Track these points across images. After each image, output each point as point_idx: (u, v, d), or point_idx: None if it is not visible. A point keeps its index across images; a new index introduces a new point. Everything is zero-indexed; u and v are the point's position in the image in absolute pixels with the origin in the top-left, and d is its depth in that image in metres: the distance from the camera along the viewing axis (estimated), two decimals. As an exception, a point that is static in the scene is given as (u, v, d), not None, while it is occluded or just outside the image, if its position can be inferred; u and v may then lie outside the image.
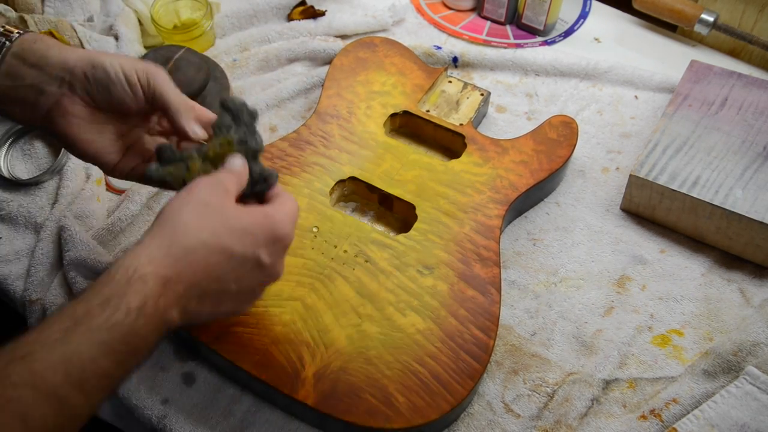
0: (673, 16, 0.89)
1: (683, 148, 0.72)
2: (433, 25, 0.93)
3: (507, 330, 0.67)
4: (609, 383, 0.63)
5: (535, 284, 0.70)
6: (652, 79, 0.85)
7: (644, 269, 0.71)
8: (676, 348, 0.66)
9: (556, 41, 0.91)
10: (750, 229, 0.67)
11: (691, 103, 0.76)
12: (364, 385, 0.58)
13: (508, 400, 0.63)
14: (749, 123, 0.74)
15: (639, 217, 0.75)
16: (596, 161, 0.79)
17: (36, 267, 0.70)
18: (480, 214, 0.69)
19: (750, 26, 0.88)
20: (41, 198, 0.76)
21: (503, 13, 0.92)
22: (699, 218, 0.70)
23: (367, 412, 0.57)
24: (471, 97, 0.79)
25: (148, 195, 0.75)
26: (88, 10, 0.88)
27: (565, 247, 0.73)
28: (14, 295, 0.71)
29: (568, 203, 0.76)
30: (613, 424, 0.61)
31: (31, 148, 0.79)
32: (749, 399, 0.59)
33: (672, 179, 0.70)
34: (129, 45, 0.84)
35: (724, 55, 0.90)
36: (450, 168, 0.73)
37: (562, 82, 0.86)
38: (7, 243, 0.73)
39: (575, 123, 0.76)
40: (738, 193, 0.68)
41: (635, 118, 0.83)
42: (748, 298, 0.68)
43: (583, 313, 0.68)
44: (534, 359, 0.65)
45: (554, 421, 0.61)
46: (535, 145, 0.74)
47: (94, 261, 0.69)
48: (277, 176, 0.55)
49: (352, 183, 0.73)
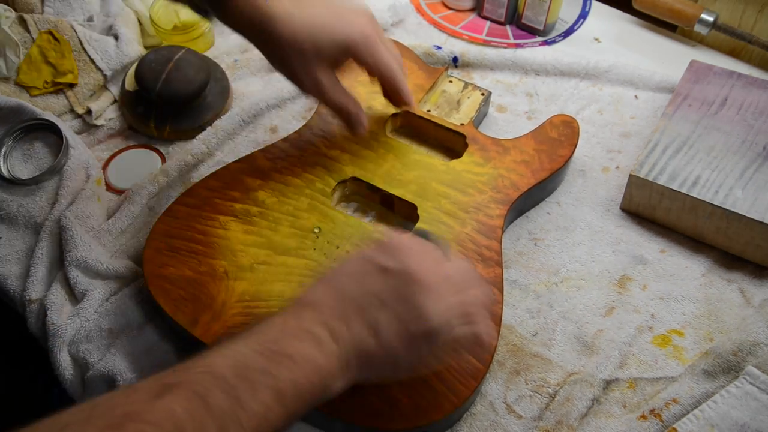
0: (673, 16, 0.89)
1: (683, 148, 0.72)
2: (433, 25, 0.93)
3: (509, 330, 0.67)
4: (609, 383, 0.64)
5: (537, 284, 0.70)
6: (652, 79, 0.85)
7: (645, 269, 0.71)
8: (677, 348, 0.66)
9: (556, 41, 0.91)
10: (750, 229, 0.68)
11: (691, 103, 0.76)
12: (367, 385, 0.58)
13: (510, 401, 0.63)
14: (749, 123, 0.74)
15: (639, 217, 0.75)
16: (596, 161, 0.79)
17: (36, 267, 0.70)
18: (482, 213, 0.69)
19: (750, 26, 0.88)
20: (41, 198, 0.76)
21: (503, 13, 0.92)
22: (699, 218, 0.70)
23: (371, 412, 0.57)
24: (472, 97, 0.79)
25: (149, 195, 0.75)
26: (87, 10, 0.87)
27: (566, 246, 0.73)
28: (14, 295, 0.71)
29: (568, 203, 0.76)
30: (613, 424, 0.61)
31: (31, 148, 0.79)
32: (749, 399, 0.60)
33: (672, 179, 0.70)
34: (129, 45, 0.84)
35: (724, 55, 0.90)
36: (451, 168, 0.73)
37: (562, 82, 0.86)
38: (6, 243, 0.73)
39: (576, 122, 0.76)
40: (738, 193, 0.68)
41: (635, 117, 0.83)
42: (748, 298, 0.69)
43: (584, 313, 0.68)
44: (535, 359, 0.65)
45: (555, 422, 0.61)
46: (536, 145, 0.74)
47: (94, 261, 0.69)
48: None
49: (354, 183, 0.73)
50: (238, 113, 0.82)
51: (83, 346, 0.65)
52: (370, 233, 0.68)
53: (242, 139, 0.81)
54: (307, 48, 0.62)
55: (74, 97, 0.83)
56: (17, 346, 0.97)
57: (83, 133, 0.83)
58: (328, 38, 0.62)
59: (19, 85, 0.83)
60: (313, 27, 0.62)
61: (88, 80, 0.83)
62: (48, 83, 0.82)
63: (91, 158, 0.78)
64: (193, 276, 0.64)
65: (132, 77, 0.82)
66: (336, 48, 0.63)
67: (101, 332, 0.66)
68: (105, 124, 0.83)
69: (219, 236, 0.67)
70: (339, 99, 0.66)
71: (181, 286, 0.64)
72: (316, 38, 0.62)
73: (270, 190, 0.71)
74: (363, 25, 0.64)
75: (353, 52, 0.64)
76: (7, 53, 0.82)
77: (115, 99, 0.85)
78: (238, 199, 0.70)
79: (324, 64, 0.63)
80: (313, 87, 0.64)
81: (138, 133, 0.83)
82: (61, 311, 0.67)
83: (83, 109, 0.83)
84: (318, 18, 0.62)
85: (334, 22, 0.63)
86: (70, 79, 0.82)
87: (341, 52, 0.64)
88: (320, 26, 0.62)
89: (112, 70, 0.84)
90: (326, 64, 0.64)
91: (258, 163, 0.72)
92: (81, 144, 0.79)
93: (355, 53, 0.64)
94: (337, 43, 0.63)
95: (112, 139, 0.83)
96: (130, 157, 0.81)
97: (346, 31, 0.63)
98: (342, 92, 0.66)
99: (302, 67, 0.63)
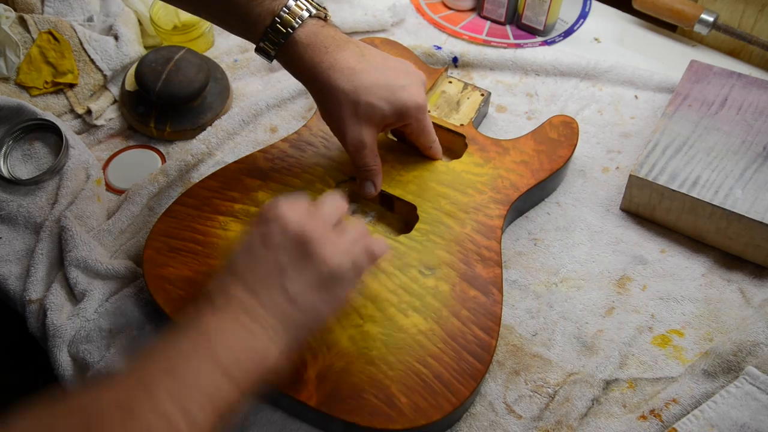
0: (673, 16, 0.89)
1: (683, 148, 0.72)
2: (433, 25, 0.93)
3: (508, 330, 0.67)
4: (609, 383, 0.64)
5: (536, 284, 0.70)
6: (652, 79, 0.85)
7: (644, 269, 0.71)
8: (677, 348, 0.66)
9: (556, 41, 0.91)
10: (750, 229, 0.68)
11: (690, 103, 0.76)
12: (367, 385, 0.58)
13: (509, 401, 0.63)
14: (749, 123, 0.74)
15: (639, 217, 0.75)
16: (596, 161, 0.79)
17: (35, 267, 0.70)
18: (481, 214, 0.69)
19: (750, 26, 0.88)
20: (41, 198, 0.76)
21: (503, 13, 0.92)
22: (699, 218, 0.70)
23: (370, 412, 0.57)
24: (471, 98, 0.79)
25: (149, 195, 0.75)
26: (88, 10, 0.87)
27: (566, 247, 0.73)
28: (14, 295, 0.71)
29: (568, 203, 0.76)
30: (613, 424, 0.61)
31: (31, 148, 0.79)
32: (749, 399, 0.60)
33: (672, 179, 0.70)
34: (129, 45, 0.84)
35: (724, 55, 0.90)
36: (451, 168, 0.73)
37: (562, 82, 0.86)
38: (6, 243, 0.73)
39: (576, 123, 0.76)
40: (738, 193, 0.68)
41: (635, 118, 0.83)
42: (748, 298, 0.69)
43: (584, 313, 0.68)
44: (535, 359, 0.65)
45: (555, 422, 0.61)
46: (535, 145, 0.74)
47: (94, 261, 0.69)
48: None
49: (353, 184, 0.73)
50: (238, 113, 0.82)
51: (83, 346, 0.66)
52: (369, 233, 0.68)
53: (242, 139, 0.81)
54: (363, 107, 0.63)
55: (74, 97, 0.83)
56: (17, 346, 0.97)
57: (83, 133, 0.83)
58: (386, 102, 0.64)
59: (19, 85, 0.83)
60: (373, 87, 0.63)
61: (88, 80, 0.83)
62: (48, 83, 0.83)
63: (91, 158, 0.78)
64: (193, 276, 0.64)
65: (132, 77, 0.82)
66: (391, 113, 0.65)
67: (101, 332, 0.66)
68: (105, 124, 0.83)
69: (218, 236, 0.67)
70: (371, 162, 0.67)
71: (180, 286, 0.64)
72: (373, 99, 0.63)
73: (269, 190, 0.71)
74: (418, 95, 0.66)
75: (405, 119, 0.66)
76: (7, 53, 0.82)
77: (115, 99, 0.85)
78: (238, 200, 0.70)
79: (372, 124, 0.65)
80: (354, 143, 0.65)
81: (138, 133, 0.83)
82: (60, 311, 0.67)
83: (83, 109, 0.83)
84: (380, 79, 0.64)
85: (394, 86, 0.64)
86: (70, 79, 0.82)
87: (395, 118, 0.65)
88: (381, 87, 0.64)
89: (112, 70, 0.84)
90: (374, 125, 0.65)
91: (257, 163, 0.73)
92: (81, 144, 0.79)
93: (407, 120, 0.67)
94: (395, 109, 0.64)
95: (112, 139, 0.83)
96: (130, 157, 0.81)
97: (404, 98, 0.65)
98: (375, 156, 0.67)
99: (351, 123, 0.64)
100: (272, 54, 0.64)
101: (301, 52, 0.63)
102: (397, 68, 0.66)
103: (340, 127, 0.65)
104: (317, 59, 0.63)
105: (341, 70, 0.63)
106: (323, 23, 0.65)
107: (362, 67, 0.64)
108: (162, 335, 0.49)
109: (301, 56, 0.63)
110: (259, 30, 0.63)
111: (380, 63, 0.65)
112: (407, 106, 0.65)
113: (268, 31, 0.63)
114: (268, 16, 0.62)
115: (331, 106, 0.64)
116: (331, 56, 0.63)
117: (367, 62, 0.64)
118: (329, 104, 0.64)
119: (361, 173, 0.68)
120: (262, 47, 0.64)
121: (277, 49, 0.64)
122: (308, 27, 0.63)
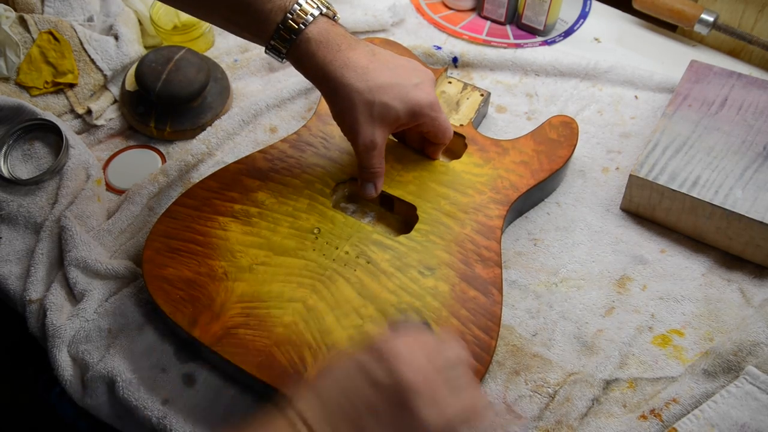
0: (673, 16, 0.89)
1: (683, 148, 0.72)
2: (433, 25, 0.93)
3: (508, 330, 0.67)
4: (609, 383, 0.64)
5: (536, 284, 0.70)
6: (652, 79, 0.85)
7: (644, 269, 0.71)
8: (677, 348, 0.66)
9: (556, 41, 0.91)
10: (750, 229, 0.68)
11: (691, 103, 0.76)
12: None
13: (509, 401, 0.63)
14: (749, 123, 0.74)
15: (639, 217, 0.75)
16: (596, 161, 0.79)
17: (36, 267, 0.70)
18: (481, 214, 0.69)
19: (750, 26, 0.88)
20: (41, 198, 0.76)
21: (503, 13, 0.92)
22: (699, 218, 0.70)
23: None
24: (471, 98, 0.79)
25: (149, 195, 0.75)
26: (88, 10, 0.87)
27: (566, 247, 0.73)
28: (14, 295, 0.71)
29: (568, 203, 0.76)
30: (613, 424, 0.61)
31: (31, 148, 0.79)
32: (749, 399, 0.60)
33: (672, 179, 0.70)
34: (129, 45, 0.84)
35: (724, 55, 0.90)
36: (451, 169, 0.73)
37: (562, 82, 0.86)
38: (7, 243, 0.73)
39: (575, 123, 0.76)
40: (738, 193, 0.68)
41: (635, 118, 0.83)
42: (748, 298, 0.69)
43: (584, 313, 0.68)
44: (535, 359, 0.65)
45: (555, 422, 0.61)
46: (535, 146, 0.74)
47: (94, 261, 0.69)
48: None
49: (353, 184, 0.73)
50: (238, 113, 0.82)
51: (83, 347, 0.66)
52: (369, 234, 0.68)
53: (242, 139, 0.81)
54: (378, 106, 0.63)
55: (74, 97, 0.83)
56: (17, 346, 0.97)
57: (83, 133, 0.83)
58: (399, 101, 0.63)
59: (20, 85, 0.83)
60: (386, 86, 0.63)
61: (89, 80, 0.83)
62: (48, 83, 0.83)
63: (91, 158, 0.78)
64: (193, 276, 0.64)
65: (132, 77, 0.82)
66: (405, 113, 0.64)
67: (101, 332, 0.66)
68: (105, 124, 0.83)
69: (218, 237, 0.67)
70: (377, 164, 0.67)
71: (180, 286, 0.64)
72: (388, 99, 0.63)
73: (269, 190, 0.71)
74: (430, 93, 0.66)
75: (418, 118, 0.66)
76: (8, 53, 0.82)
77: (115, 99, 0.85)
78: (238, 200, 0.70)
79: (385, 124, 0.64)
80: (366, 143, 0.65)
81: (138, 133, 0.83)
82: (60, 311, 0.67)
83: (83, 109, 0.83)
84: (392, 78, 0.63)
85: (407, 85, 0.64)
86: (70, 79, 0.82)
87: (408, 117, 0.65)
88: (394, 87, 0.63)
89: (112, 70, 0.84)
90: (387, 125, 0.65)
91: (257, 163, 0.73)
92: (81, 144, 0.79)
93: (420, 120, 0.66)
94: (408, 108, 0.64)
95: (112, 139, 0.83)
96: (130, 157, 0.81)
97: (417, 96, 0.64)
98: (382, 158, 0.67)
99: (365, 123, 0.64)
100: (283, 52, 0.64)
101: (314, 50, 0.62)
102: (407, 67, 0.66)
103: (353, 127, 0.64)
104: (330, 57, 0.62)
105: (354, 69, 0.62)
106: (333, 22, 0.64)
107: (374, 67, 0.63)
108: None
109: (313, 54, 0.63)
110: (270, 27, 0.62)
111: (391, 62, 0.65)
112: (421, 104, 0.65)
113: (279, 28, 0.62)
114: (280, 12, 0.62)
115: (345, 105, 0.63)
116: (344, 55, 0.63)
117: (378, 61, 0.64)
118: (342, 103, 0.64)
119: (364, 174, 0.68)
120: (273, 45, 0.63)
121: (288, 46, 0.63)
122: (320, 24, 0.62)
